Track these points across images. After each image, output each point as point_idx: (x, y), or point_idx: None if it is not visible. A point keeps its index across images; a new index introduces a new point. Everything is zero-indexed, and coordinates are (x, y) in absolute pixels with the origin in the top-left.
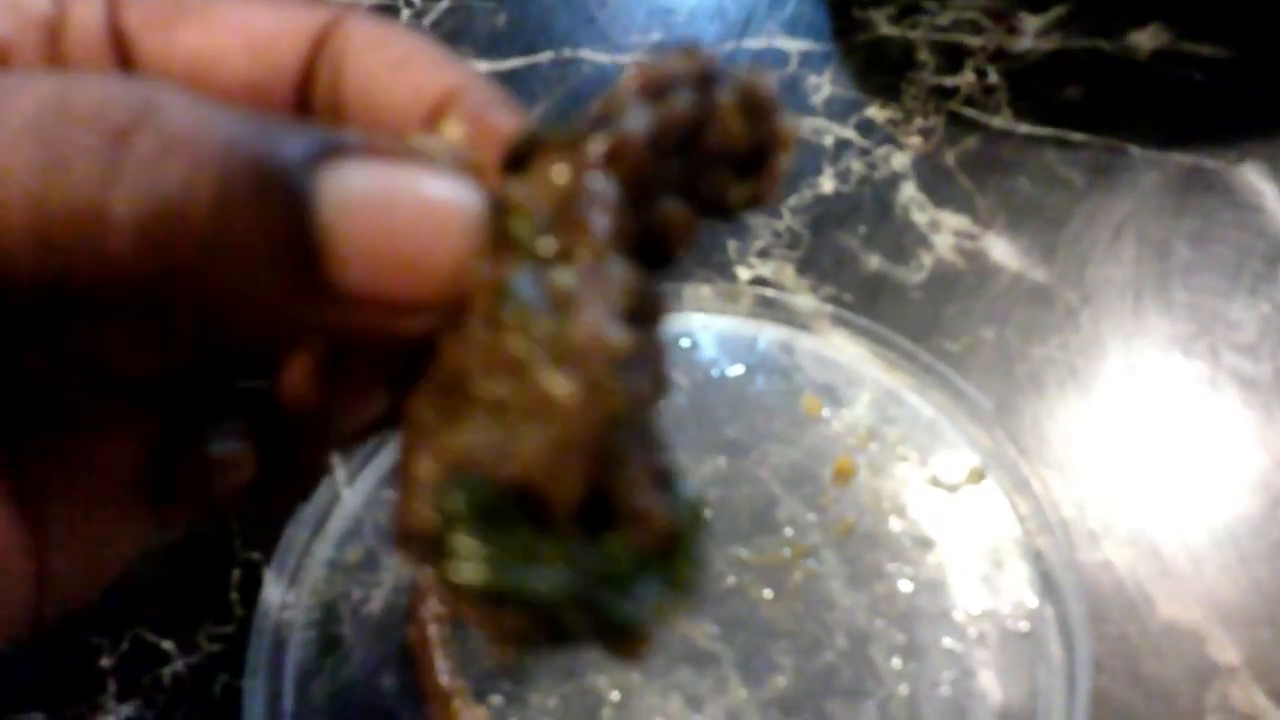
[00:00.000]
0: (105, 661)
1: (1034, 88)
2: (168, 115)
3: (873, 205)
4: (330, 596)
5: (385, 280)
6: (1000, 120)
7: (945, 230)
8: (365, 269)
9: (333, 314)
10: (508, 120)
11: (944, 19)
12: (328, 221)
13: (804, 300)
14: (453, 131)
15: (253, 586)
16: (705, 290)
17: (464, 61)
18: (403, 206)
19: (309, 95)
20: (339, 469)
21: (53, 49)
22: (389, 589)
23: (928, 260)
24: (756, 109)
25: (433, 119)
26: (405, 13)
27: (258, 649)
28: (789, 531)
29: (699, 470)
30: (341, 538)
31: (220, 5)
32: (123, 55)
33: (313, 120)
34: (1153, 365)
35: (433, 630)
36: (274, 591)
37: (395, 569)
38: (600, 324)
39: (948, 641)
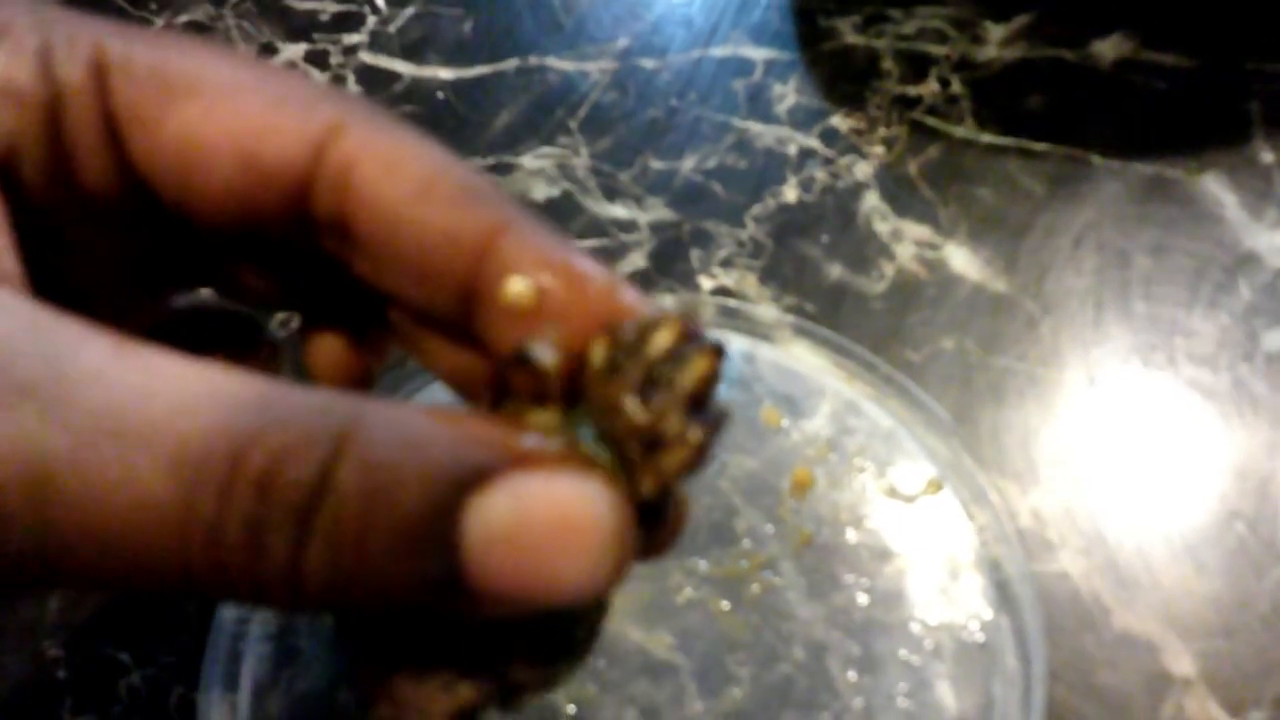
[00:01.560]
0: (61, 673)
1: (997, 97)
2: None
3: (835, 215)
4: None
5: (522, 590)
6: (963, 130)
7: (907, 240)
8: (503, 584)
9: (465, 607)
10: (585, 265)
11: (909, 28)
12: (472, 557)
13: (766, 310)
14: (519, 289)
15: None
16: (668, 299)
17: (489, 184)
18: (543, 527)
19: (308, 209)
20: None
21: (55, 139)
22: None
23: (889, 270)
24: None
25: (478, 258)
26: (371, 20)
27: (213, 661)
28: (747, 543)
29: None
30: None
31: (208, 93)
32: (114, 136)
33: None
34: (1112, 376)
35: None
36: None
37: None
38: None
39: (904, 653)
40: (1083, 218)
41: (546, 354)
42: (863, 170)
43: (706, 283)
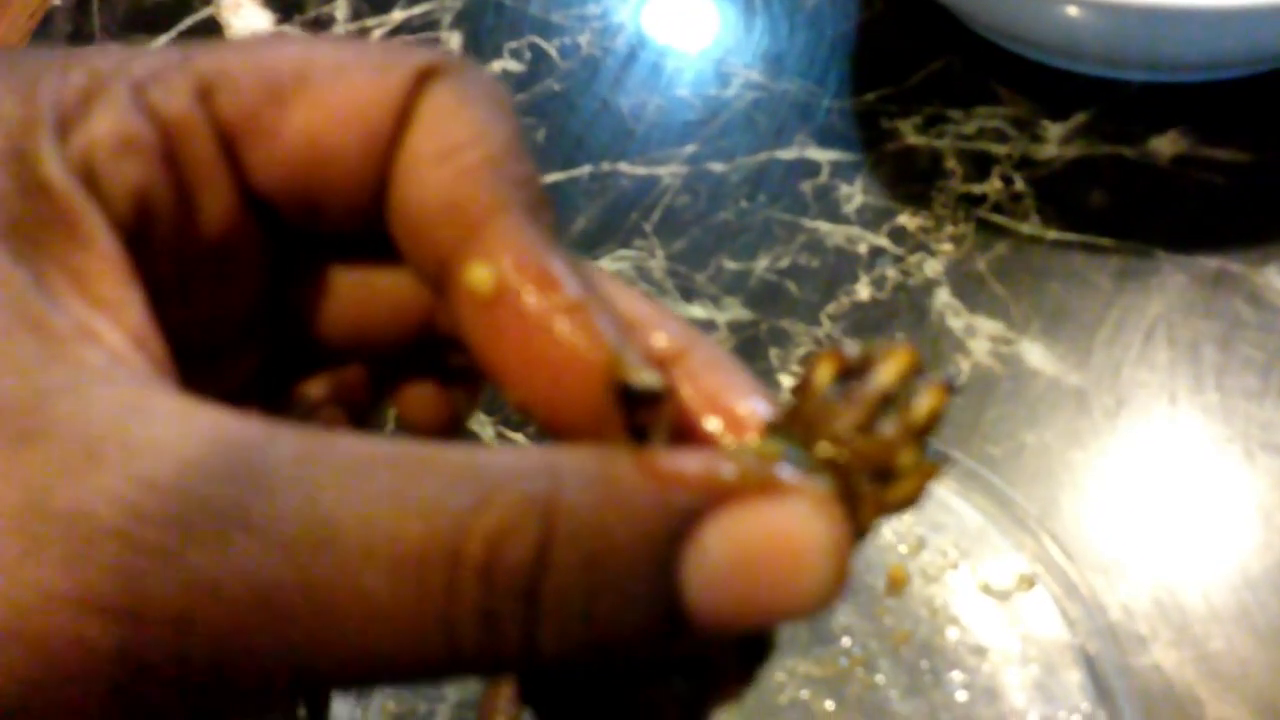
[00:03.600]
0: None
1: (1060, 194)
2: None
3: (909, 311)
4: (398, 711)
5: (746, 621)
6: (1029, 226)
7: (981, 335)
8: (726, 620)
9: (689, 647)
10: (558, 271)
11: (969, 128)
12: (694, 601)
13: None
14: (478, 276)
15: (322, 703)
16: None
17: (522, 171)
18: (761, 557)
19: (391, 161)
20: None
21: (177, 183)
22: (453, 703)
23: (965, 365)
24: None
25: (460, 251)
26: None
27: None
28: (846, 641)
29: None
30: (401, 691)
31: (318, 78)
32: (229, 158)
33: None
34: (1190, 468)
35: None
36: (343, 708)
37: (459, 685)
38: None
39: None
40: (1152, 311)
41: (651, 378)
42: (933, 267)
43: (786, 381)
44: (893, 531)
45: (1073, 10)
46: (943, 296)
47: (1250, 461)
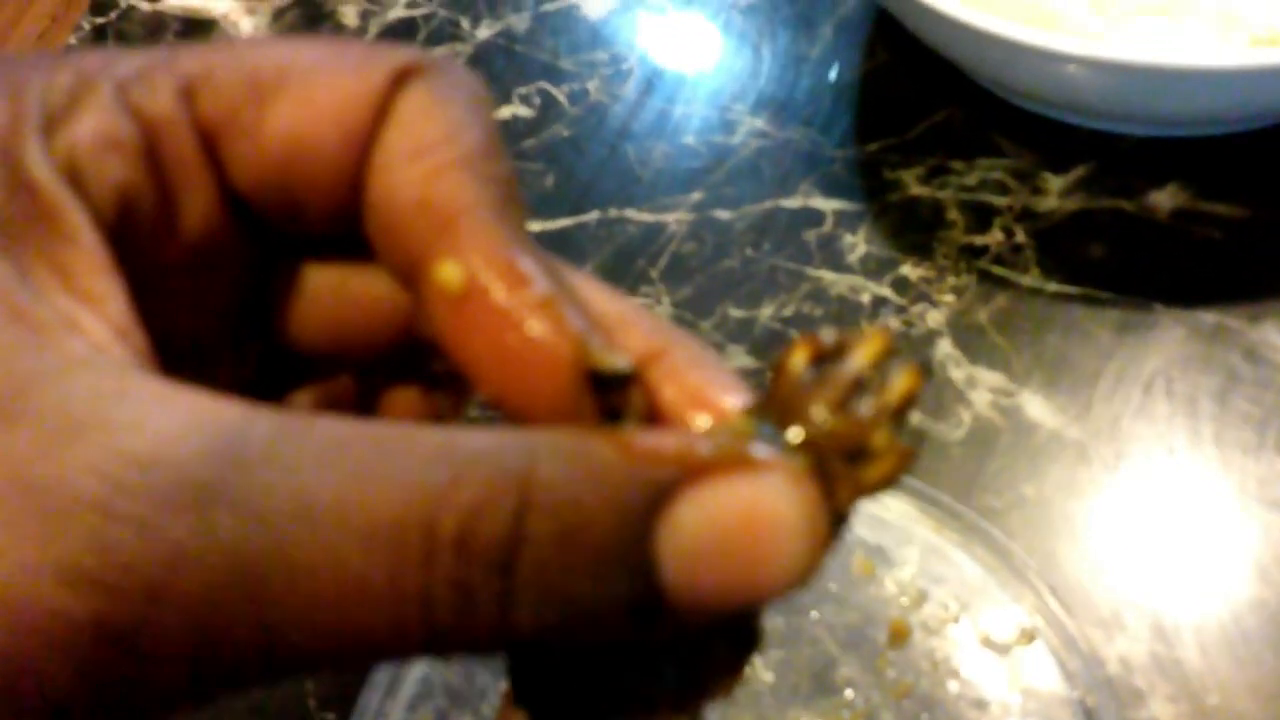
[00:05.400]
0: None
1: (1060, 247)
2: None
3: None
4: None
5: (723, 599)
6: (1029, 279)
7: (982, 387)
8: (703, 597)
9: (667, 627)
10: (528, 269)
11: (971, 179)
12: (670, 576)
13: None
14: (449, 274)
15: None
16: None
17: (496, 169)
18: (735, 532)
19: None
20: None
21: (159, 181)
22: None
23: (967, 417)
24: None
25: (430, 251)
26: None
27: None
28: (849, 693)
29: None
30: (413, 700)
31: (298, 78)
32: (211, 157)
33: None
34: (1189, 522)
35: None
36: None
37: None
38: None
39: None
40: (1151, 364)
41: (620, 360)
42: (935, 318)
43: None
44: (895, 583)
45: (1074, 67)
46: (944, 347)
47: (1247, 516)
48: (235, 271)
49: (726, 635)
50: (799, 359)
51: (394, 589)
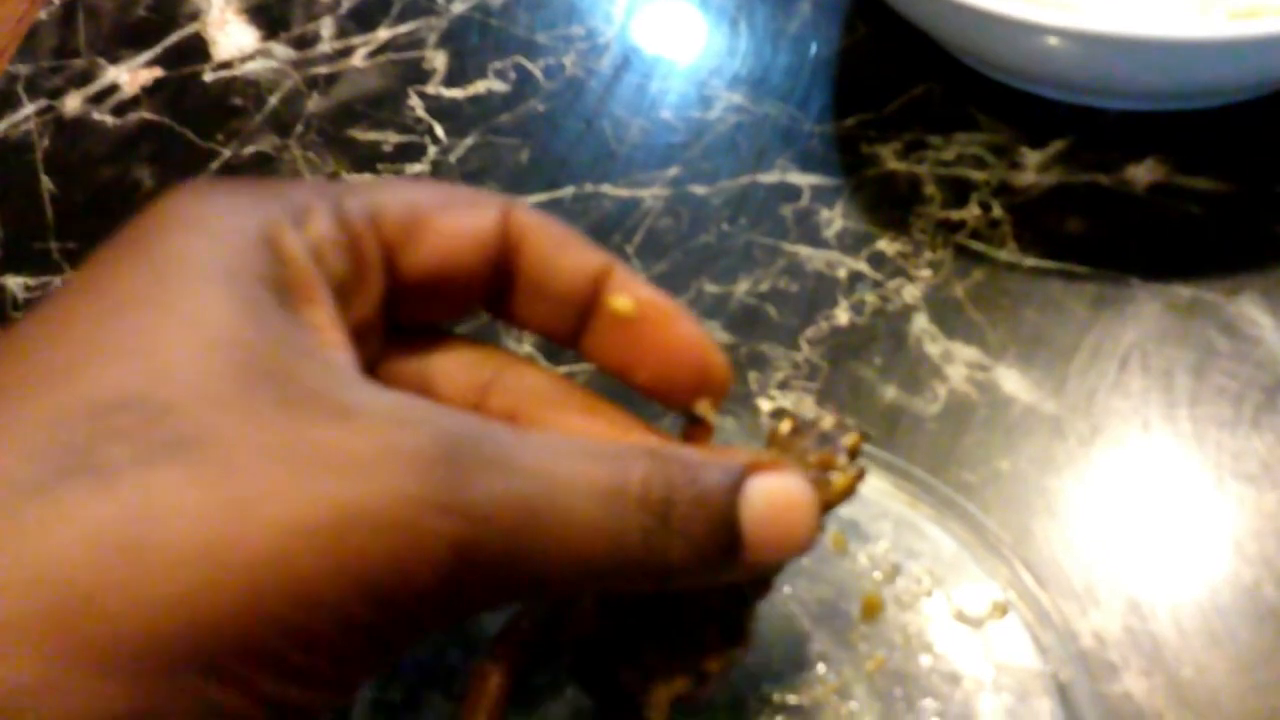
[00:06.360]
0: None
1: (1037, 221)
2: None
3: (887, 337)
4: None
5: (772, 553)
6: (1006, 253)
7: (958, 361)
8: (763, 549)
9: (739, 570)
10: (651, 292)
11: (948, 154)
12: (746, 528)
13: None
14: (623, 303)
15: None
16: (729, 422)
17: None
18: (785, 504)
19: (503, 266)
20: None
21: (358, 273)
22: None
23: (942, 391)
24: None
25: (595, 286)
26: (432, 150)
27: None
28: (821, 669)
29: None
30: (383, 677)
31: (438, 215)
32: (387, 260)
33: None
34: (1164, 496)
35: None
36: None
37: (437, 707)
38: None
39: None
40: (1127, 339)
41: (710, 413)
42: (911, 293)
43: (765, 405)
44: (868, 558)
45: (1053, 39)
46: (920, 322)
47: (1222, 490)
48: (379, 332)
49: (721, 623)
50: (785, 427)
51: (618, 534)
